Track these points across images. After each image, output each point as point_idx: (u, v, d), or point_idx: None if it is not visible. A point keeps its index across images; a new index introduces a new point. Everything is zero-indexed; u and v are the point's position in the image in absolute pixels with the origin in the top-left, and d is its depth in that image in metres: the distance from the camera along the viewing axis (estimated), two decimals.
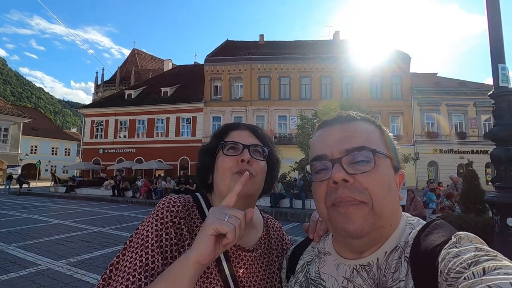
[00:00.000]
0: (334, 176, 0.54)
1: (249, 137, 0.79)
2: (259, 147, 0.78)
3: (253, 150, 0.76)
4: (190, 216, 0.75)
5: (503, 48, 3.26)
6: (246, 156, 0.74)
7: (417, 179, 24.15)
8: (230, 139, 0.79)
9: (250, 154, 0.75)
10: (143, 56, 58.36)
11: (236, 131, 0.81)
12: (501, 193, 3.08)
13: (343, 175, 0.53)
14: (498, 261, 0.38)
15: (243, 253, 0.76)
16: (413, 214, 7.36)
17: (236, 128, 0.83)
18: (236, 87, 28.30)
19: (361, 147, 0.55)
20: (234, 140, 0.77)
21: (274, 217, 4.52)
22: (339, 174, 0.53)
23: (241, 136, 0.79)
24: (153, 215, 0.70)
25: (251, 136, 0.80)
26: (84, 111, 32.02)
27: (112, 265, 0.67)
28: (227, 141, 0.78)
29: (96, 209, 12.73)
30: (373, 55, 26.40)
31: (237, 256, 0.75)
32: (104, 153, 29.33)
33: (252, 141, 0.78)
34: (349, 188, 0.53)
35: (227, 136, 0.80)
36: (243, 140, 0.77)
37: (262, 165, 0.77)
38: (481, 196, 5.83)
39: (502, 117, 3.16)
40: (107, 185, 19.17)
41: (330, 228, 0.61)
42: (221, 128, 0.85)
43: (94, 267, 4.73)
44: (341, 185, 0.53)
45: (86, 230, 7.90)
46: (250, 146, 0.76)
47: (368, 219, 0.52)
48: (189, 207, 0.77)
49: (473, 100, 25.47)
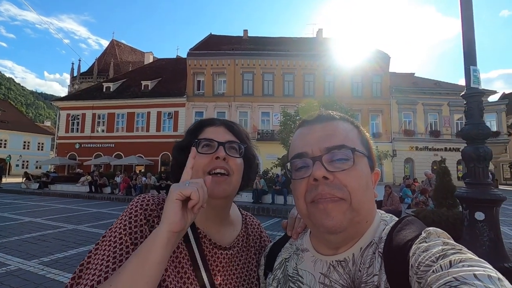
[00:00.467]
0: (314, 173, 0.55)
1: (224, 134, 0.77)
2: (235, 144, 0.76)
3: (228, 147, 0.74)
4: None
5: (475, 51, 3.42)
6: (222, 154, 0.71)
7: (394, 175, 25.08)
8: (204, 135, 0.76)
9: (226, 151, 0.72)
10: (122, 47, 56.37)
11: (211, 127, 0.79)
12: (470, 189, 3.26)
13: (323, 172, 0.54)
14: (463, 254, 0.41)
15: (219, 251, 0.75)
16: (390, 209, 7.65)
17: (211, 124, 0.80)
18: (219, 82, 28.02)
19: (340, 146, 0.56)
20: (208, 137, 0.75)
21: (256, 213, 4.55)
22: (320, 171, 0.54)
23: (216, 132, 0.77)
24: (127, 213, 0.68)
25: (226, 133, 0.78)
26: (59, 103, 30.56)
27: (82, 265, 0.64)
28: (201, 138, 0.75)
29: (71, 206, 12.25)
30: (354, 54, 26.98)
31: (213, 254, 0.73)
32: (81, 148, 28.20)
33: (227, 138, 0.76)
34: (328, 185, 0.54)
35: (201, 132, 0.78)
36: (218, 136, 0.75)
37: (239, 163, 0.75)
38: (452, 191, 6.15)
39: (472, 117, 3.33)
40: (83, 181, 18.48)
41: (309, 225, 0.62)
42: (196, 124, 0.82)
43: (68, 267, 4.56)
44: (321, 182, 0.55)
45: (60, 228, 7.58)
46: (226, 143, 0.73)
47: (346, 215, 0.54)
48: (163, 206, 0.73)
49: (447, 100, 26.70)
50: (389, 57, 27.62)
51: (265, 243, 0.88)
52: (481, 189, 3.14)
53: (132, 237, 0.64)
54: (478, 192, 3.14)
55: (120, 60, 51.57)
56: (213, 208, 0.74)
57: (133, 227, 0.65)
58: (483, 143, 3.25)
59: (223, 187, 0.71)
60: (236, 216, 0.86)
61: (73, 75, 49.93)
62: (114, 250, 0.61)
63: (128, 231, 0.64)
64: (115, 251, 0.61)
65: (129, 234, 0.64)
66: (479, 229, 3.04)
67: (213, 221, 0.76)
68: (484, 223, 3.04)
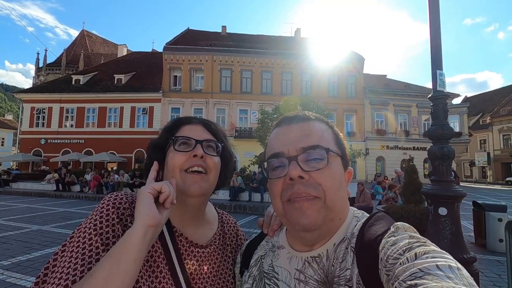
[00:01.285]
0: (290, 173, 0.56)
1: (202, 132, 0.77)
2: (213, 142, 0.76)
3: (206, 145, 0.74)
4: None
5: (442, 56, 3.63)
6: (199, 152, 0.71)
7: (366, 172, 26.10)
8: (181, 134, 0.75)
9: (203, 150, 0.72)
10: (94, 38, 53.64)
11: (188, 125, 0.78)
12: (435, 186, 3.46)
13: (299, 172, 0.56)
14: (427, 247, 0.44)
15: (195, 249, 0.74)
16: (362, 205, 7.93)
17: (188, 122, 0.79)
18: (196, 78, 27.52)
19: (316, 146, 0.58)
20: (186, 135, 0.74)
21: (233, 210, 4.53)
22: (295, 171, 0.56)
23: (194, 130, 0.76)
24: (97, 211, 0.65)
25: (204, 131, 0.77)
26: (22, 96, 28.43)
27: (47, 268, 0.60)
28: (179, 136, 0.74)
29: (36, 205, 11.51)
30: (331, 54, 27.64)
31: (189, 253, 0.73)
32: (47, 144, 26.51)
33: (205, 136, 0.76)
34: (304, 184, 0.56)
35: (178, 130, 0.77)
36: (195, 135, 0.74)
37: (216, 161, 0.75)
38: (419, 188, 6.52)
39: (438, 118, 3.53)
40: (49, 179, 17.45)
41: (284, 223, 0.63)
42: (172, 122, 0.81)
43: (32, 270, 4.29)
44: (296, 181, 0.56)
45: (23, 229, 7.10)
46: (203, 141, 0.74)
47: (321, 213, 0.55)
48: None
49: (416, 101, 28.17)
50: (364, 58, 28.59)
51: (242, 242, 0.88)
52: (445, 186, 3.35)
53: (104, 237, 0.61)
54: (442, 189, 3.35)
55: (91, 52, 49.05)
56: (190, 207, 0.73)
57: (104, 227, 0.62)
58: (447, 143, 3.47)
59: (200, 185, 0.70)
60: (212, 215, 0.86)
61: (38, 66, 46.82)
62: (83, 252, 0.58)
63: (99, 231, 0.61)
64: (84, 252, 0.58)
65: (99, 234, 0.61)
66: (442, 224, 3.25)
67: (190, 219, 0.76)
68: (446, 218, 3.25)
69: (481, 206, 5.99)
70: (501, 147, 38.75)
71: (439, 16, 3.65)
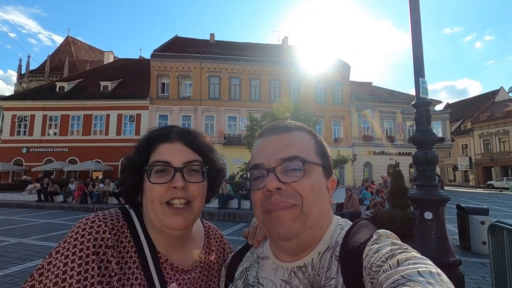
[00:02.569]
0: (267, 185, 0.57)
1: (181, 152, 0.66)
2: (196, 165, 0.67)
3: (187, 170, 0.65)
4: (120, 241, 0.63)
5: (423, 64, 3.76)
6: (179, 184, 0.62)
7: (354, 178, 26.46)
8: (157, 156, 0.65)
9: (184, 178, 0.64)
10: (79, 45, 52.76)
11: (165, 144, 0.67)
12: (420, 191, 3.54)
13: (276, 184, 0.57)
14: (408, 253, 0.45)
15: (180, 276, 0.69)
16: (351, 210, 7.98)
17: (165, 139, 0.67)
18: (185, 85, 27.41)
19: (293, 157, 0.58)
20: (162, 159, 0.64)
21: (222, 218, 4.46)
22: (272, 183, 0.57)
23: (172, 151, 0.66)
24: (70, 245, 0.57)
25: (184, 150, 0.67)
26: (3, 103, 27.49)
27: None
28: (154, 163, 0.64)
29: (16, 217, 11.03)
30: (318, 62, 28.18)
31: (174, 281, 0.67)
32: (29, 153, 25.59)
33: (186, 158, 0.66)
34: (281, 194, 0.57)
35: (154, 150, 0.66)
36: (173, 158, 0.65)
37: (201, 187, 0.67)
38: (405, 193, 6.65)
39: (421, 124, 3.64)
40: (31, 189, 16.79)
41: (265, 232, 0.64)
42: (145, 139, 0.69)
43: (10, 285, 4.08)
44: (274, 192, 0.57)
45: (1, 242, 6.78)
46: (184, 168, 0.64)
47: (297, 220, 0.56)
48: (118, 229, 0.64)
49: (401, 108, 28.96)
50: (350, 66, 29.29)
51: (228, 256, 0.85)
52: (429, 191, 3.43)
53: (81, 278, 0.54)
54: (427, 193, 3.42)
55: (76, 59, 48.18)
56: (174, 237, 0.68)
57: (78, 266, 0.55)
58: (431, 148, 3.57)
59: (184, 217, 0.64)
60: (198, 230, 0.81)
61: (20, 73, 45.56)
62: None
63: (77, 270, 0.54)
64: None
65: (77, 274, 0.54)
66: (427, 228, 3.31)
67: (174, 245, 0.71)
68: (432, 222, 3.32)
69: (465, 210, 6.15)
70: (482, 151, 40.18)
71: (420, 26, 3.79)
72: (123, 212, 0.69)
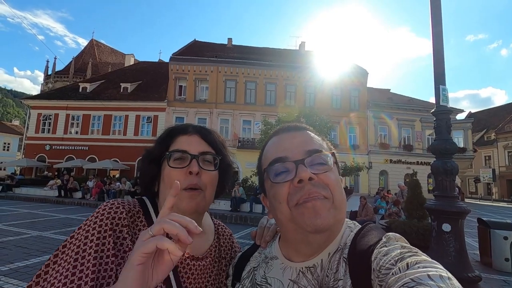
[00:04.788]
0: (301, 175, 0.55)
1: (198, 144, 0.73)
2: (210, 156, 0.73)
3: (202, 159, 0.71)
4: (135, 223, 0.69)
5: (444, 71, 3.66)
6: (195, 169, 0.68)
7: (369, 186, 25.84)
8: (176, 146, 0.72)
9: (199, 165, 0.69)
10: (102, 48, 54.79)
11: (184, 136, 0.74)
12: (438, 201, 3.43)
13: (309, 174, 0.56)
14: (418, 257, 0.44)
15: (192, 262, 0.72)
16: (365, 219, 7.83)
17: (184, 132, 0.75)
18: (201, 88, 27.86)
19: (319, 150, 0.60)
20: (181, 148, 0.71)
21: (233, 221, 4.46)
22: (305, 173, 0.55)
23: (189, 142, 0.73)
24: (91, 222, 0.63)
25: (200, 142, 0.74)
26: (30, 102, 28.91)
27: (39, 276, 0.59)
28: (173, 151, 0.71)
29: (37, 211, 11.50)
30: (334, 68, 27.93)
31: (185, 266, 0.71)
32: (51, 150, 26.73)
33: (201, 148, 0.72)
34: (314, 184, 0.56)
35: (173, 141, 0.73)
36: (191, 148, 0.71)
37: (213, 175, 0.72)
38: (423, 203, 6.43)
39: (441, 133, 3.53)
40: (52, 185, 17.47)
41: (291, 229, 0.59)
42: (167, 132, 0.77)
43: (29, 276, 4.25)
44: (306, 183, 0.56)
45: (23, 234, 7.08)
46: (199, 156, 0.70)
47: (331, 212, 0.55)
48: (134, 213, 0.70)
49: (420, 116, 28.14)
50: (367, 72, 28.82)
51: (236, 254, 0.86)
52: (448, 202, 3.31)
53: (99, 249, 0.60)
54: (445, 205, 3.31)
55: (99, 61, 50.02)
56: None
57: (95, 240, 0.61)
58: (450, 158, 3.45)
59: (196, 201, 0.69)
60: (209, 226, 0.84)
61: (47, 73, 47.72)
62: (73, 271, 0.56)
63: (89, 244, 0.60)
64: (74, 272, 0.56)
65: (95, 245, 0.60)
66: (445, 240, 3.19)
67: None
68: (450, 234, 3.20)
69: (486, 224, 5.87)
70: (506, 163, 38.31)
71: (441, 33, 3.70)
72: (139, 201, 0.75)
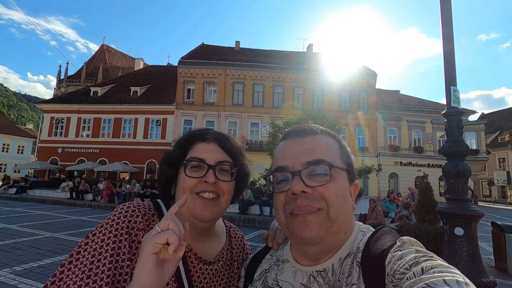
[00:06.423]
0: (293, 188, 0.56)
1: (216, 152, 0.73)
2: (227, 165, 0.72)
3: (219, 169, 0.71)
4: (150, 227, 0.70)
5: (455, 72, 3.60)
6: (211, 179, 0.68)
7: (379, 189, 25.46)
8: (194, 153, 0.72)
9: (216, 175, 0.69)
10: (112, 52, 55.85)
11: (202, 143, 0.74)
12: (451, 205, 3.35)
13: (302, 187, 0.56)
14: (434, 261, 0.43)
15: (204, 266, 0.73)
16: (374, 222, 7.71)
17: (203, 139, 0.75)
18: (209, 91, 28.07)
19: (319, 161, 0.58)
20: (198, 156, 0.71)
21: (242, 224, 4.47)
22: (298, 186, 0.56)
23: (207, 150, 0.72)
24: (107, 225, 0.64)
25: (218, 151, 0.73)
26: (43, 106, 29.68)
27: (55, 275, 0.60)
28: (190, 159, 0.71)
29: (50, 212, 11.75)
30: (343, 69, 27.72)
31: (198, 270, 0.72)
32: (64, 153, 27.31)
33: (219, 157, 0.72)
34: (307, 197, 0.56)
35: (191, 147, 0.74)
36: (208, 156, 0.71)
37: (229, 185, 0.72)
38: (434, 206, 6.30)
39: (452, 134, 3.46)
40: (64, 187, 17.85)
41: (288, 235, 0.63)
42: (186, 137, 0.77)
43: (43, 276, 4.34)
44: (299, 195, 0.56)
45: (36, 235, 7.24)
46: (216, 166, 0.70)
47: (323, 225, 0.55)
48: (150, 216, 0.71)
49: (430, 117, 27.63)
50: (376, 74, 28.51)
51: (248, 256, 0.87)
52: (461, 205, 3.24)
53: (115, 253, 0.61)
54: (458, 208, 3.23)
55: (109, 65, 50.97)
56: (200, 229, 0.73)
57: (111, 243, 0.62)
58: (462, 160, 3.38)
59: (211, 210, 0.69)
60: (221, 228, 0.85)
61: (59, 78, 48.88)
62: (88, 274, 0.58)
63: (112, 246, 0.61)
64: (90, 275, 0.57)
65: (111, 249, 0.61)
66: (458, 244, 3.12)
67: (199, 238, 0.76)
68: (463, 238, 3.12)
69: (501, 228, 5.71)
70: None
71: (452, 32, 3.64)
72: (154, 204, 0.76)
